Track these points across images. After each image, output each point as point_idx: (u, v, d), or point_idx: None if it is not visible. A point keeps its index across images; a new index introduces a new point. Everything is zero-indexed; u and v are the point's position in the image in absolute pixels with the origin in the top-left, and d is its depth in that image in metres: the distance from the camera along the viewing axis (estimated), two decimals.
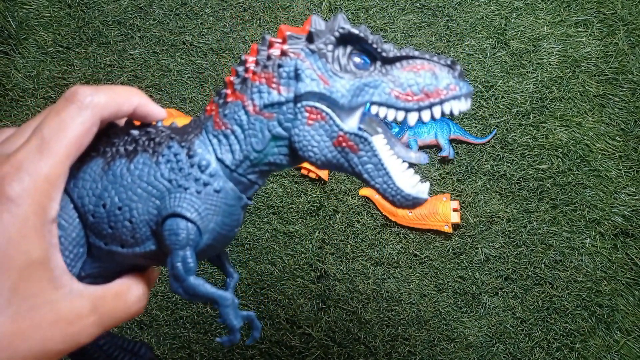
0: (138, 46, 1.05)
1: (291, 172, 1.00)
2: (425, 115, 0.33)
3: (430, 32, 1.05)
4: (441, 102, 0.32)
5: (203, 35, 1.06)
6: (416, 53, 0.33)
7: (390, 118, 0.33)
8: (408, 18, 1.05)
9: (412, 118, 0.33)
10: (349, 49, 0.33)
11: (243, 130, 0.33)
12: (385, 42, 0.33)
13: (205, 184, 0.33)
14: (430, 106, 0.32)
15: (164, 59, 1.05)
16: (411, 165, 0.35)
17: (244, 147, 0.33)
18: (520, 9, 1.05)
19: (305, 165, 0.98)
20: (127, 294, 0.34)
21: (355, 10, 1.06)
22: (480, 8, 1.05)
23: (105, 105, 0.32)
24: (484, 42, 1.04)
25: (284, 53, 0.33)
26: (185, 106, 1.03)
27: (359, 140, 0.33)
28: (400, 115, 0.33)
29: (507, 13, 1.05)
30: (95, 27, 1.06)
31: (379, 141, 0.33)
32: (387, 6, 1.06)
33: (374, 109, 0.33)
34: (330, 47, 0.33)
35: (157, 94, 1.04)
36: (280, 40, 0.33)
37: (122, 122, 0.37)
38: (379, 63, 0.33)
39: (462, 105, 0.33)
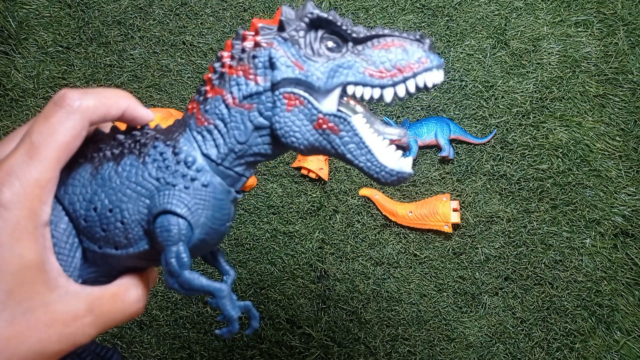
0: (138, 46, 1.05)
1: (291, 172, 1.01)
2: (400, 90, 0.33)
3: (430, 32, 1.05)
4: (414, 75, 0.33)
5: (203, 35, 1.06)
6: (386, 31, 0.34)
7: (367, 97, 0.34)
8: (408, 18, 1.05)
9: (388, 94, 0.33)
10: (320, 33, 0.34)
11: (225, 123, 0.34)
12: (356, 24, 0.34)
13: (193, 180, 0.33)
14: (404, 80, 0.33)
15: (164, 59, 1.05)
16: (400, 148, 0.36)
17: (228, 140, 0.34)
18: (520, 9, 1.05)
19: (306, 165, 0.97)
20: (124, 294, 0.34)
21: (355, 10, 1.06)
22: (480, 8, 1.05)
23: (93, 109, 0.32)
24: (484, 42, 1.04)
25: (257, 44, 0.33)
26: (185, 106, 1.03)
27: (339, 120, 0.33)
28: (377, 93, 0.33)
29: (507, 13, 1.05)
30: (95, 27, 1.06)
31: (358, 120, 0.34)
32: (387, 6, 1.06)
33: (350, 89, 0.34)
34: (301, 33, 0.33)
35: (157, 94, 1.04)
36: (253, 33, 0.34)
37: (107, 128, 0.37)
38: (350, 44, 0.34)
39: (434, 77, 0.33)
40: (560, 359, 0.93)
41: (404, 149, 1.00)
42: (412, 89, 0.33)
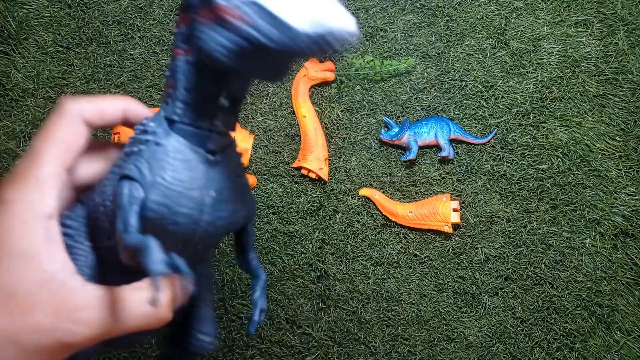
0: (138, 46, 1.05)
1: (291, 172, 1.00)
2: None
3: (430, 32, 1.05)
4: None
5: None
6: None
7: None
8: (408, 18, 1.05)
9: None
10: None
11: (175, 79, 0.34)
12: None
13: (147, 142, 0.33)
14: None
15: (164, 59, 1.05)
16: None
17: (180, 94, 0.34)
18: (520, 9, 1.05)
19: (306, 165, 0.97)
20: (134, 296, 0.32)
21: (355, 10, 1.06)
22: (480, 8, 1.05)
23: (87, 108, 0.34)
24: (484, 42, 1.04)
25: None
26: None
27: (239, 3, 0.28)
28: None
29: (507, 13, 1.05)
30: (95, 27, 1.06)
31: None
32: (387, 6, 1.06)
33: None
34: None
35: (157, 94, 1.04)
36: None
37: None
38: None
39: None
40: (560, 359, 0.93)
41: (404, 149, 1.00)
42: None
